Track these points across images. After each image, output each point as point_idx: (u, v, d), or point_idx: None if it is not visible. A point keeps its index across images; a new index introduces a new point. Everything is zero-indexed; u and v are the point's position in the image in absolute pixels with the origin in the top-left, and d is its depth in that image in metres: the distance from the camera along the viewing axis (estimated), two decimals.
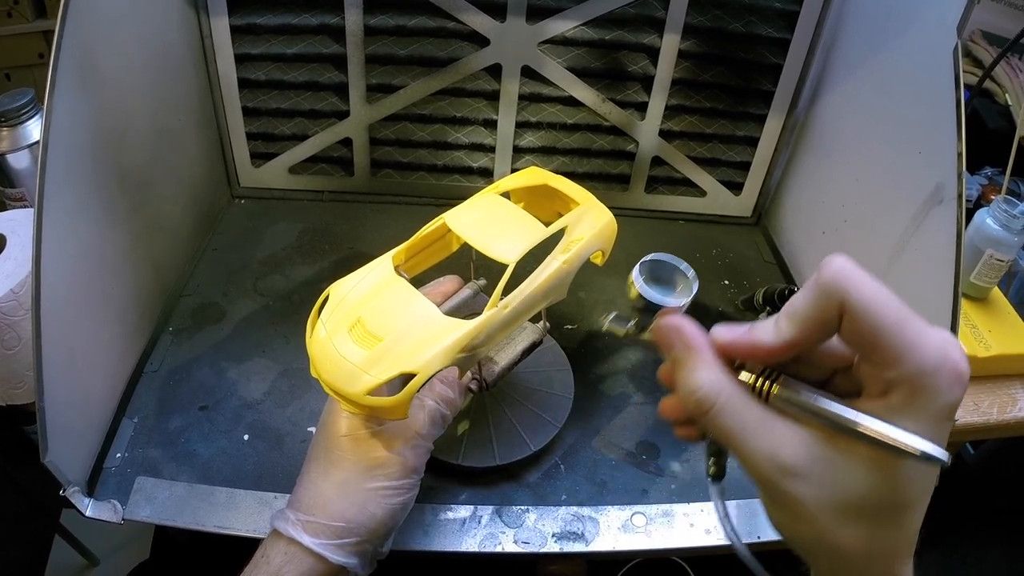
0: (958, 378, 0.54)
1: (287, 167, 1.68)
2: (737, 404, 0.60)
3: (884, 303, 0.54)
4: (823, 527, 0.58)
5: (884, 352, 0.54)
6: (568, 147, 1.65)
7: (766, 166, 1.70)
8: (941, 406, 0.54)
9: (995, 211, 1.53)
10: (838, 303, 0.55)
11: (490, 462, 1.11)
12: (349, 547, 0.88)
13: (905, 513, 0.59)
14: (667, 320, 0.65)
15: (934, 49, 1.13)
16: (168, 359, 1.31)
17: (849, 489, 0.57)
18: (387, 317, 0.94)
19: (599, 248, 1.11)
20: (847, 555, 0.59)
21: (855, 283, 0.54)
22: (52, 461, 0.99)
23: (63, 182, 1.01)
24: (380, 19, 1.46)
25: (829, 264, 0.56)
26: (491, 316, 0.94)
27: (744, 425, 0.59)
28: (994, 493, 2.75)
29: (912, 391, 0.54)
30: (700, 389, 0.61)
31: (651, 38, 1.49)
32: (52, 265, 0.98)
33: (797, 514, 0.59)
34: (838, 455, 0.57)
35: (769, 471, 0.58)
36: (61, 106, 0.99)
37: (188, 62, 1.45)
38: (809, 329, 0.58)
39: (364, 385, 0.87)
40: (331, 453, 0.92)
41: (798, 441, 0.58)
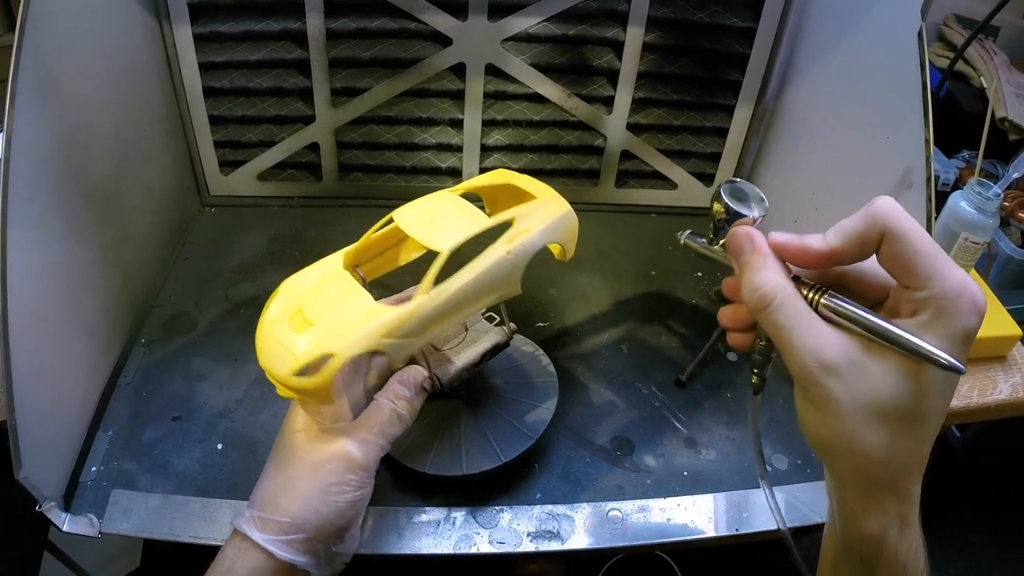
0: (975, 306, 0.62)
1: (256, 174, 1.67)
2: (791, 304, 0.68)
3: (920, 235, 0.63)
4: (850, 425, 0.65)
5: (916, 274, 0.63)
6: (536, 144, 1.64)
7: (736, 156, 1.69)
8: (961, 328, 0.62)
9: (969, 194, 1.53)
10: (880, 228, 0.64)
11: (457, 471, 1.09)
12: (297, 544, 0.88)
13: (923, 424, 0.67)
14: (742, 229, 0.75)
15: (899, 33, 1.13)
16: (141, 371, 1.30)
17: (878, 392, 0.64)
18: (324, 305, 0.95)
19: (554, 240, 1.09)
20: (869, 456, 0.66)
21: (900, 215, 0.64)
22: (27, 477, 0.98)
23: (26, 197, 1.01)
24: (341, 22, 1.45)
25: (879, 199, 0.66)
26: (420, 304, 0.94)
27: (796, 322, 0.67)
28: (980, 476, 2.76)
29: (937, 311, 0.63)
30: (765, 286, 0.69)
31: (615, 32, 1.49)
32: (18, 281, 0.97)
33: (828, 410, 0.66)
34: (872, 360, 0.65)
35: (811, 366, 0.66)
36: (22, 121, 0.98)
37: (152, 72, 1.44)
38: (851, 243, 0.67)
39: (290, 366, 0.88)
40: (284, 450, 0.93)
41: (839, 343, 0.66)
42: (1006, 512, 2.73)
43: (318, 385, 0.87)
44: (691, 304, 1.50)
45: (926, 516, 0.71)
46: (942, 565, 2.58)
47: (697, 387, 1.33)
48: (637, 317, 1.46)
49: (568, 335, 1.41)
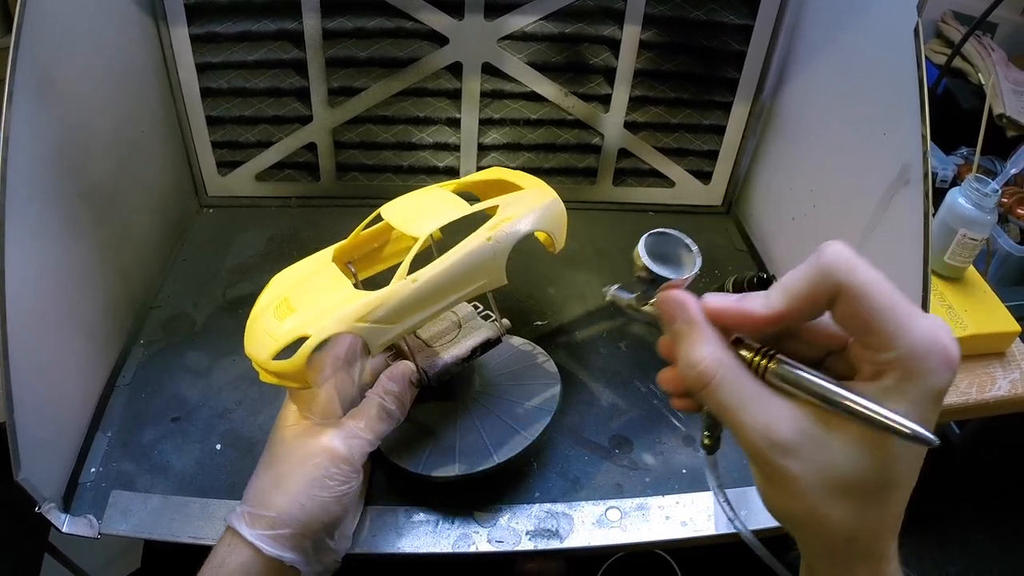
0: (947, 362, 0.56)
1: (254, 174, 1.67)
2: (735, 379, 0.62)
3: (879, 288, 0.56)
4: (812, 503, 0.60)
5: (877, 334, 0.57)
6: (533, 143, 1.65)
7: (734, 154, 1.70)
8: (930, 389, 0.56)
9: (967, 190, 1.53)
10: (832, 284, 0.57)
11: (450, 471, 1.08)
12: (283, 539, 0.89)
13: (892, 493, 0.61)
14: (671, 294, 0.67)
15: (896, 29, 1.13)
16: (139, 371, 1.30)
17: (839, 467, 0.59)
18: (307, 294, 0.97)
19: (540, 228, 1.08)
20: (834, 531, 0.61)
21: (853, 267, 0.57)
22: (26, 479, 0.98)
23: (25, 197, 1.01)
24: (338, 22, 1.46)
25: (829, 247, 0.58)
26: (396, 289, 0.95)
27: (741, 400, 0.61)
28: (979, 473, 2.76)
29: (903, 373, 0.56)
30: (700, 363, 0.63)
31: (611, 30, 1.49)
32: (17, 281, 0.97)
33: (788, 489, 0.61)
34: (829, 433, 0.59)
35: (762, 446, 0.60)
36: (19, 121, 0.98)
37: (149, 73, 1.45)
38: (799, 304, 0.60)
39: (268, 350, 0.90)
40: (273, 447, 0.94)
41: (791, 418, 0.60)
42: (1006, 509, 2.73)
43: (293, 366, 0.89)
44: None
45: (924, 513, 0.70)
46: (942, 563, 2.58)
47: None
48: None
49: (566, 333, 1.41)
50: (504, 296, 1.41)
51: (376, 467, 1.11)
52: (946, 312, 1.54)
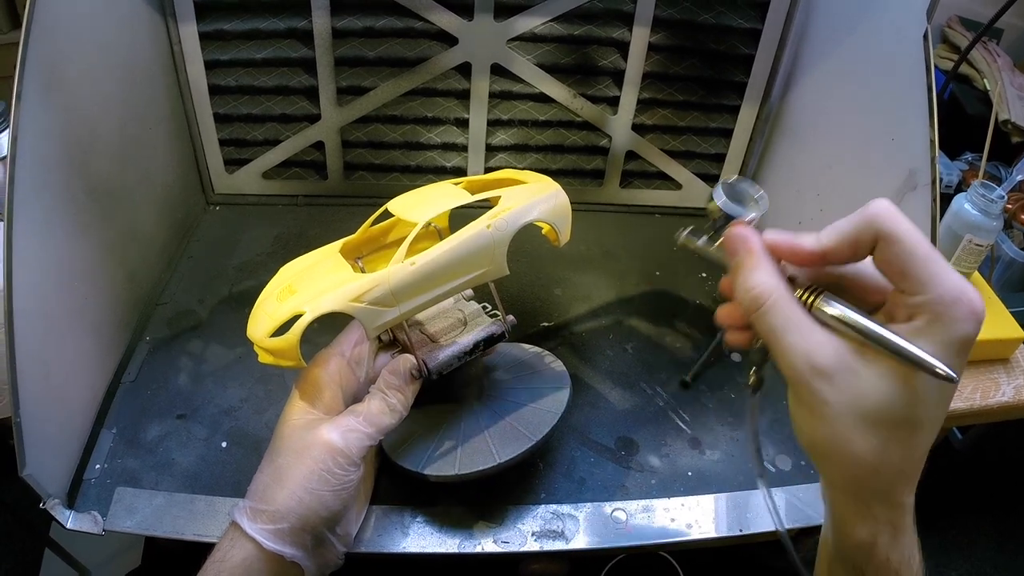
0: (973, 312, 0.61)
1: (261, 172, 1.67)
2: (785, 305, 0.67)
3: (917, 238, 0.62)
4: (840, 430, 0.65)
5: (912, 279, 0.62)
6: (541, 144, 1.64)
7: (741, 157, 1.69)
8: (957, 335, 0.61)
9: (973, 196, 1.53)
10: (875, 230, 0.63)
11: (450, 471, 1.06)
12: (283, 534, 0.89)
13: (915, 432, 0.65)
14: (736, 229, 0.74)
15: (904, 35, 1.13)
16: (145, 368, 1.30)
17: (869, 396, 0.64)
18: (308, 279, 0.99)
19: (541, 218, 1.07)
20: (858, 462, 0.66)
21: (896, 217, 0.63)
22: (31, 475, 0.98)
23: (32, 194, 1.01)
24: (347, 21, 1.46)
25: (876, 201, 0.64)
26: (392, 272, 0.95)
27: (788, 324, 0.67)
28: (983, 477, 2.76)
29: (933, 317, 0.61)
30: (757, 287, 0.69)
31: (620, 32, 1.49)
32: (24, 277, 0.98)
33: (820, 413, 0.65)
34: (864, 364, 0.64)
35: (803, 369, 0.65)
36: (28, 117, 0.99)
37: (157, 70, 1.45)
38: (845, 244, 0.66)
39: (265, 328, 0.91)
40: (276, 442, 0.95)
41: (832, 347, 0.65)
42: (1008, 514, 2.73)
43: (286, 342, 0.90)
44: (695, 304, 1.50)
45: (927, 518, 0.71)
46: (944, 568, 2.58)
47: (701, 388, 1.33)
48: (641, 317, 1.46)
49: (572, 335, 1.41)
50: (511, 297, 1.41)
51: (383, 468, 1.11)
52: None
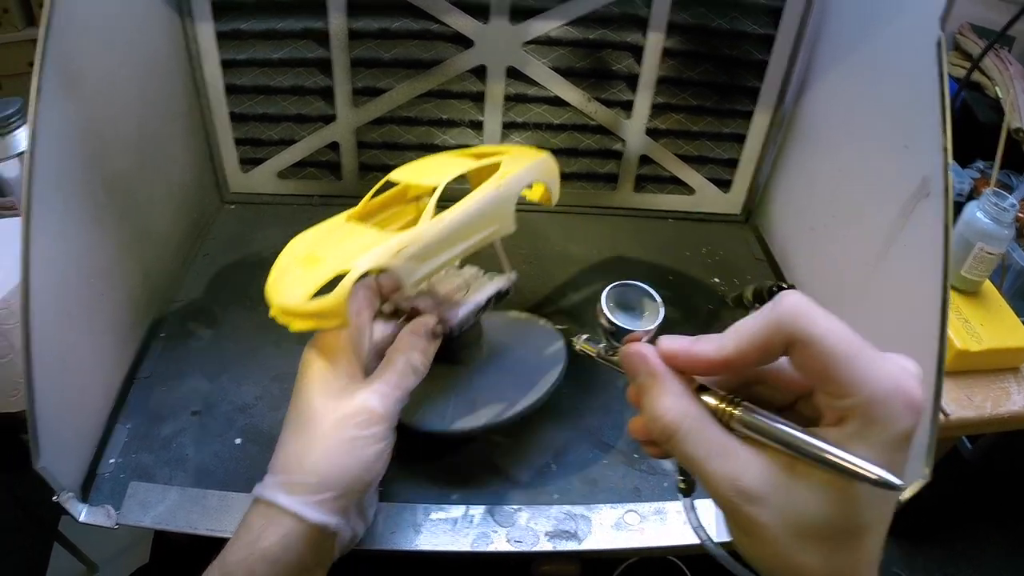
0: (910, 406, 0.56)
1: (276, 172, 1.68)
2: (700, 430, 0.63)
3: (835, 336, 0.57)
4: (782, 550, 0.60)
5: (835, 382, 0.57)
6: (555, 147, 1.64)
7: (754, 163, 1.70)
8: (895, 434, 0.56)
9: (984, 204, 1.54)
10: (787, 333, 0.58)
11: (475, 423, 1.10)
12: (327, 504, 0.88)
13: (862, 538, 0.61)
14: (632, 347, 0.69)
15: (918, 42, 1.13)
16: (160, 365, 1.31)
17: (807, 514, 0.59)
18: (332, 245, 1.00)
19: (537, 179, 1.15)
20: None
21: (808, 318, 0.57)
22: (45, 467, 0.99)
23: (50, 189, 1.02)
24: (364, 22, 1.46)
25: (786, 296, 0.59)
26: (424, 229, 0.97)
27: (707, 451, 0.62)
28: (992, 487, 2.76)
29: (865, 419, 0.56)
30: (664, 416, 0.64)
31: (635, 36, 1.50)
32: (41, 273, 0.98)
33: (758, 537, 0.61)
34: (796, 481, 0.59)
35: (730, 495, 0.60)
36: (46, 114, 0.99)
37: (174, 68, 1.46)
38: (751, 350, 0.61)
39: (305, 291, 0.90)
40: (303, 412, 0.93)
41: (758, 466, 0.60)
42: (1019, 524, 2.73)
43: (335, 302, 0.89)
44: (708, 309, 1.50)
45: (935, 528, 0.71)
46: None
47: None
48: None
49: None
50: (525, 300, 1.42)
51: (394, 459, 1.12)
52: (962, 326, 1.55)
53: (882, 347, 0.57)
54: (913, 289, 1.11)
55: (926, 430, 1.02)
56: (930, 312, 1.03)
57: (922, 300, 1.06)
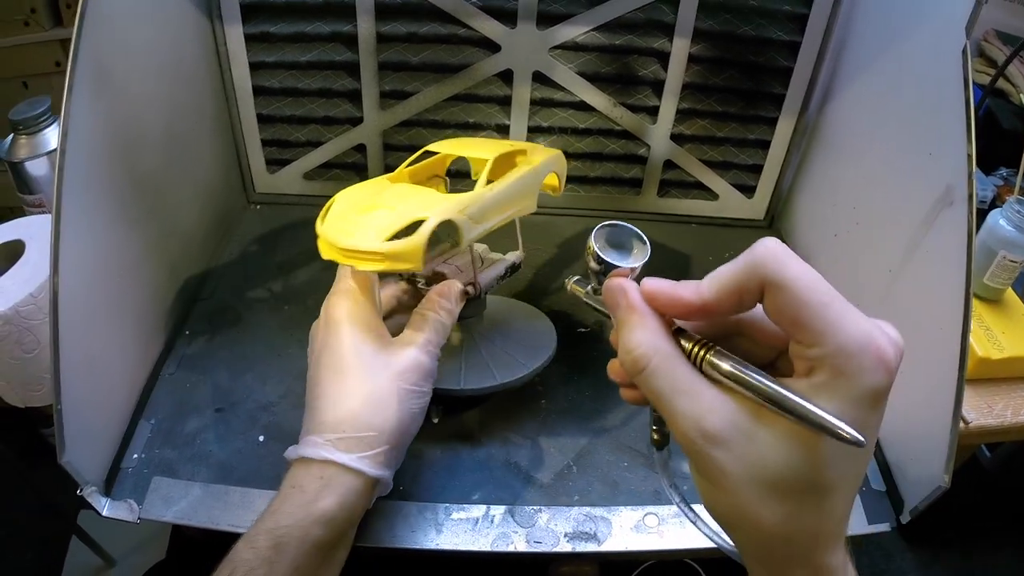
0: (881, 361, 0.55)
1: (302, 173, 1.69)
2: (670, 366, 0.62)
3: (808, 283, 0.56)
4: (743, 499, 0.59)
5: (807, 330, 0.56)
6: (580, 151, 1.65)
7: (778, 169, 1.70)
8: (864, 389, 0.55)
9: (1008, 212, 1.53)
10: (760, 278, 0.57)
11: (490, 382, 1.15)
12: (382, 457, 0.89)
13: (827, 496, 0.59)
14: (614, 281, 0.69)
15: (943, 49, 1.13)
16: (185, 362, 1.32)
17: (769, 463, 0.58)
18: (395, 197, 1.04)
19: (553, 170, 1.26)
20: (767, 532, 0.60)
21: (782, 261, 0.56)
22: (69, 461, 1.00)
23: (80, 187, 1.03)
24: (392, 26, 1.47)
25: (762, 242, 0.58)
26: (481, 192, 1.06)
27: (674, 387, 0.61)
28: (1011, 496, 2.74)
29: (834, 371, 0.55)
30: (637, 348, 0.63)
31: (661, 42, 1.50)
32: (70, 269, 0.99)
33: (719, 483, 0.60)
34: (761, 428, 0.58)
35: (694, 436, 0.59)
36: (77, 112, 1.00)
37: (203, 70, 1.47)
38: (726, 296, 0.60)
39: (382, 234, 0.93)
40: (350, 368, 0.92)
41: (724, 410, 0.59)
42: None
43: (414, 245, 0.92)
44: None
45: (955, 536, 0.70)
46: None
47: None
48: None
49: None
50: (547, 302, 1.42)
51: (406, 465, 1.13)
52: (984, 333, 1.54)
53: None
54: (935, 297, 1.11)
55: (946, 437, 1.02)
56: (952, 320, 1.03)
57: (944, 308, 1.06)
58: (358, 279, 1.00)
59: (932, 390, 1.05)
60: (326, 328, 0.96)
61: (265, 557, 0.81)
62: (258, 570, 0.80)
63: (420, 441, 0.96)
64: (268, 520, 0.85)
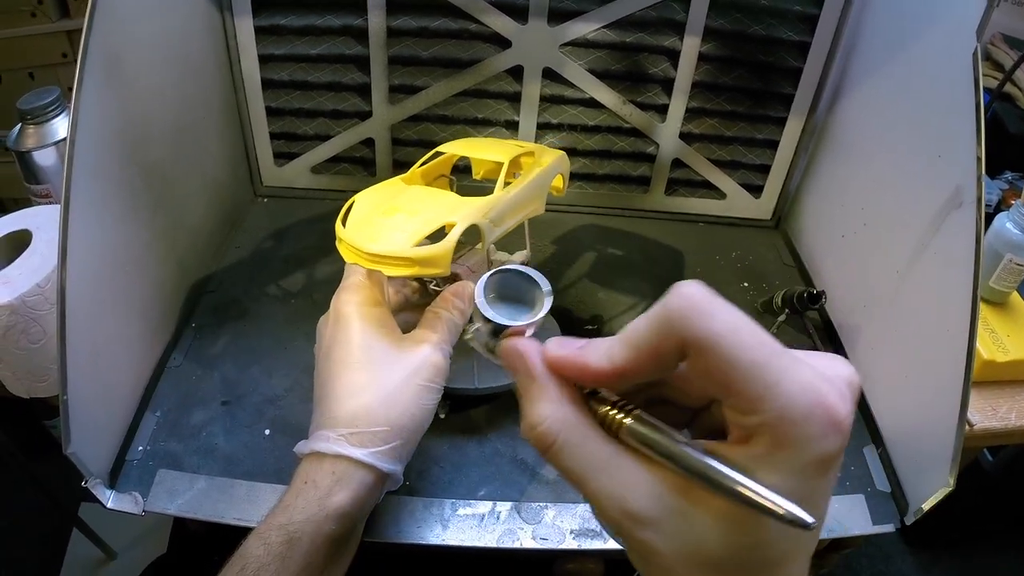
0: (832, 425, 0.46)
1: (310, 167, 1.69)
2: (580, 442, 0.54)
3: (737, 340, 0.47)
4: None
5: (740, 396, 0.47)
6: (589, 149, 1.65)
7: (786, 169, 1.70)
8: (811, 458, 0.47)
9: (1015, 215, 1.53)
10: (679, 336, 0.48)
11: (504, 380, 1.18)
12: (394, 452, 0.89)
13: (776, 570, 0.51)
14: (510, 343, 0.61)
15: (954, 52, 1.13)
16: (191, 354, 1.32)
17: (707, 544, 0.50)
18: (415, 203, 1.05)
19: (558, 172, 1.29)
20: None
21: (702, 315, 0.48)
22: (75, 453, 0.99)
23: (89, 178, 1.03)
24: (403, 20, 1.47)
25: (678, 289, 0.49)
26: (500, 196, 1.08)
27: (586, 464, 0.54)
28: (1012, 499, 2.74)
29: (775, 440, 0.47)
30: (540, 424, 0.55)
31: (672, 41, 1.50)
32: (77, 260, 0.99)
33: (653, 564, 0.52)
34: (692, 506, 0.51)
35: (617, 517, 0.52)
36: (87, 103, 1.00)
37: (212, 62, 1.47)
38: (642, 359, 0.52)
39: (411, 239, 0.94)
40: (362, 363, 0.92)
41: (648, 486, 0.52)
42: None
43: (443, 250, 0.95)
44: None
45: (956, 539, 0.68)
46: None
47: None
48: None
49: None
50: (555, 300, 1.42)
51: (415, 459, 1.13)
52: (989, 336, 1.54)
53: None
54: (942, 299, 1.10)
55: (951, 439, 1.01)
56: (959, 322, 1.03)
57: (952, 310, 1.06)
58: (368, 275, 1.00)
59: (938, 392, 1.05)
60: (336, 323, 0.96)
61: (277, 553, 0.81)
62: (270, 566, 0.80)
63: (427, 437, 0.95)
64: (280, 515, 0.84)
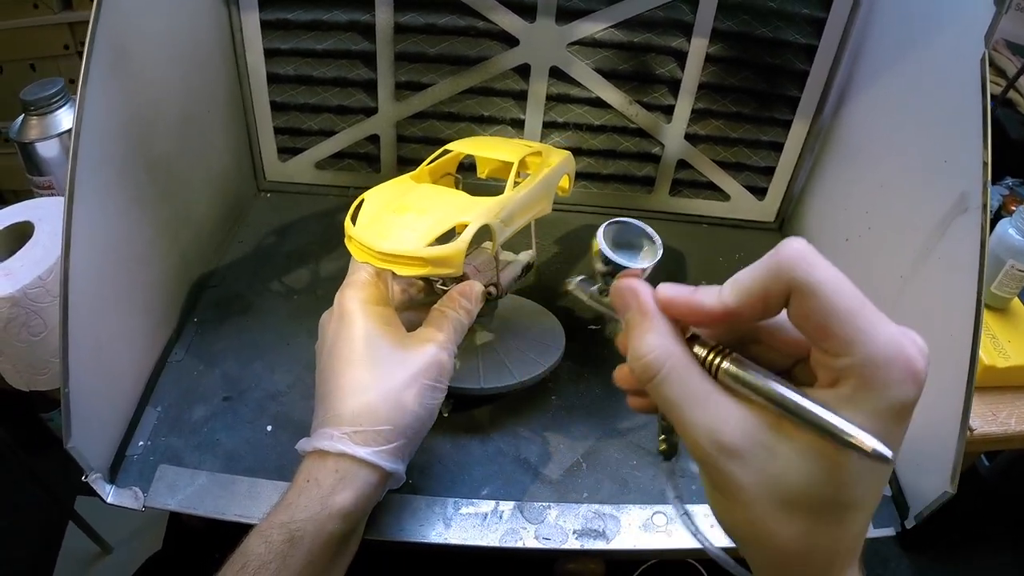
0: (911, 374, 0.51)
1: (313, 162, 1.69)
2: (683, 374, 0.58)
3: (837, 288, 0.52)
4: (759, 515, 0.56)
5: (833, 338, 0.52)
6: (594, 148, 1.65)
7: (790, 172, 1.69)
8: (891, 402, 0.52)
9: (1017, 221, 1.53)
10: (786, 282, 0.53)
11: (509, 380, 1.18)
12: (397, 451, 0.89)
13: (848, 513, 0.57)
14: (624, 282, 0.65)
15: (961, 58, 1.13)
16: (193, 349, 1.32)
17: (789, 478, 0.55)
18: (426, 201, 1.04)
19: (564, 172, 1.28)
20: (783, 549, 0.57)
21: (810, 264, 0.52)
22: (75, 447, 0.99)
23: (93, 169, 1.03)
24: (410, 17, 1.47)
25: (788, 242, 0.54)
26: (510, 196, 1.09)
27: (687, 396, 0.58)
28: (1009, 505, 2.74)
29: (861, 382, 0.52)
30: (648, 354, 0.59)
31: (679, 41, 1.50)
32: (81, 252, 0.99)
33: (734, 497, 0.57)
34: (781, 441, 0.55)
35: (708, 448, 0.56)
36: (93, 94, 1.00)
37: (218, 55, 1.47)
38: (751, 301, 0.56)
39: (423, 239, 0.95)
40: (366, 361, 0.91)
41: (741, 421, 0.56)
42: None
43: (456, 251, 0.95)
44: None
45: (953, 545, 0.69)
46: None
47: None
48: None
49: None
50: (558, 301, 1.42)
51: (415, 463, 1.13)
52: (990, 341, 1.54)
53: None
54: (946, 304, 1.10)
55: (953, 444, 1.02)
56: (963, 328, 1.03)
57: (955, 315, 1.06)
58: (373, 271, 1.00)
59: (940, 396, 1.05)
60: (340, 320, 0.96)
61: (279, 551, 0.81)
62: (271, 564, 0.80)
63: (430, 435, 0.96)
64: (282, 513, 0.84)
